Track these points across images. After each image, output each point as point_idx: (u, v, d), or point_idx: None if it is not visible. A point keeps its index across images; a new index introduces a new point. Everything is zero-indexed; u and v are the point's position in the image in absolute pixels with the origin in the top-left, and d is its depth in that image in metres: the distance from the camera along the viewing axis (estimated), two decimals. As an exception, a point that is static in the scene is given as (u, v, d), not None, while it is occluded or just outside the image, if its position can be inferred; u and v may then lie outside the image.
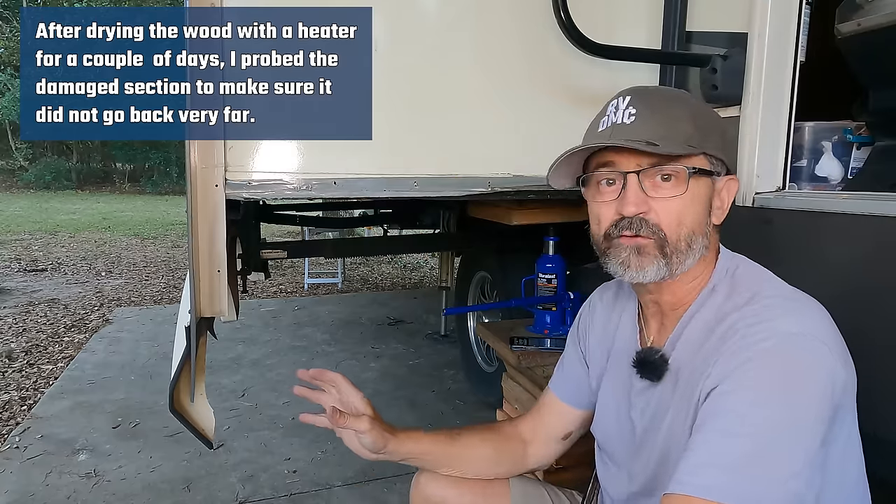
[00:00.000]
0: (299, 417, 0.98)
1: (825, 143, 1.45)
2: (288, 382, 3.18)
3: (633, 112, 0.75)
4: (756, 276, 0.77)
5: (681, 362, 0.76)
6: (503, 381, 1.90)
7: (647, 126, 0.74)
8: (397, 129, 1.15)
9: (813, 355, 0.65)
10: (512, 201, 1.32)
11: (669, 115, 0.76)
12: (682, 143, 0.74)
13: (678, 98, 0.81)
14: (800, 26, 1.22)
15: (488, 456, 1.01)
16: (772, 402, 0.63)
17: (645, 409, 0.81)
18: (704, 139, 0.75)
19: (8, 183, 16.72)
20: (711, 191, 0.77)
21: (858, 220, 1.01)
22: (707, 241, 0.77)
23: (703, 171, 0.75)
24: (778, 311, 0.69)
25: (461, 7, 1.17)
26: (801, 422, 0.62)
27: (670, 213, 0.74)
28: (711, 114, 0.81)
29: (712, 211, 0.77)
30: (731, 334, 0.69)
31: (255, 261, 2.02)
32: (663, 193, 0.74)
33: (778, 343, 0.65)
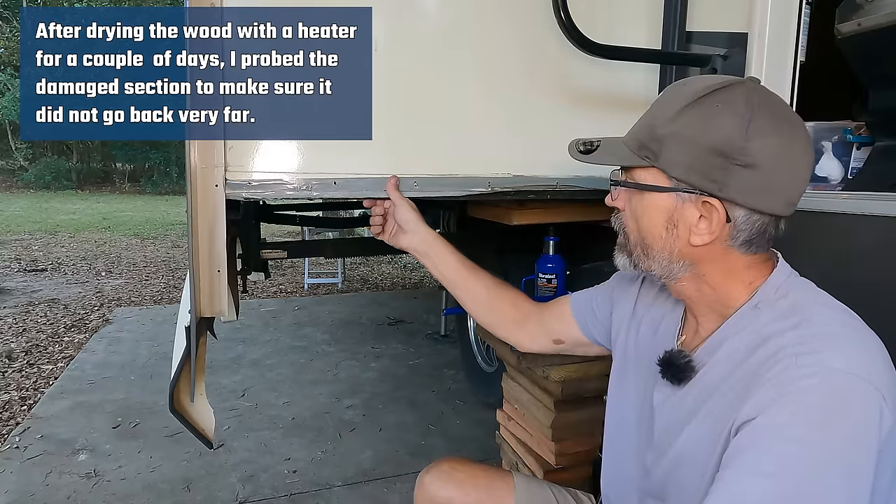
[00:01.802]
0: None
1: (825, 143, 1.45)
2: (288, 382, 3.19)
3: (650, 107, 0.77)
4: (810, 301, 0.71)
5: (714, 376, 0.72)
6: (503, 382, 1.90)
7: (633, 126, 0.77)
8: (397, 129, 1.15)
9: (859, 397, 0.60)
10: (512, 201, 1.32)
11: (645, 119, 0.75)
12: (628, 152, 0.74)
13: (680, 97, 0.72)
14: (800, 26, 1.22)
15: (487, 300, 1.11)
16: (808, 441, 0.58)
17: (666, 408, 0.79)
18: (662, 150, 0.71)
19: (8, 183, 16.72)
20: (672, 206, 0.72)
21: (858, 220, 1.01)
22: (680, 256, 0.73)
23: (645, 185, 0.73)
24: (827, 342, 0.64)
25: (461, 7, 1.17)
26: (839, 466, 0.58)
27: (627, 218, 0.78)
28: (697, 125, 0.69)
29: (680, 229, 0.72)
30: (773, 362, 0.64)
31: (255, 261, 2.02)
32: (614, 196, 0.80)
33: (822, 380, 0.60)
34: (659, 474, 0.79)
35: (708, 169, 0.68)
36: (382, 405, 2.91)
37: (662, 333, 0.86)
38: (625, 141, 0.77)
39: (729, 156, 0.67)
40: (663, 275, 0.76)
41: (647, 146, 0.72)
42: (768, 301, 0.71)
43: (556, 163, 1.25)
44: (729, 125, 0.67)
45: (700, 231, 0.71)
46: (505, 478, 1.07)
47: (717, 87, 0.69)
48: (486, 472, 1.08)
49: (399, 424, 2.71)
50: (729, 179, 0.68)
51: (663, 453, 0.78)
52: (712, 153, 0.68)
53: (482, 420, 2.72)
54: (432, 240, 1.12)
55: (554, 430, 1.62)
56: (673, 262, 0.74)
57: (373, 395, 3.03)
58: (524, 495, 1.04)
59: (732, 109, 0.68)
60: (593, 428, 1.70)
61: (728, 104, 0.68)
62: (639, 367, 0.88)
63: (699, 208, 0.70)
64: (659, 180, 0.72)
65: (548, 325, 1.07)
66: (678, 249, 0.73)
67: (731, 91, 0.69)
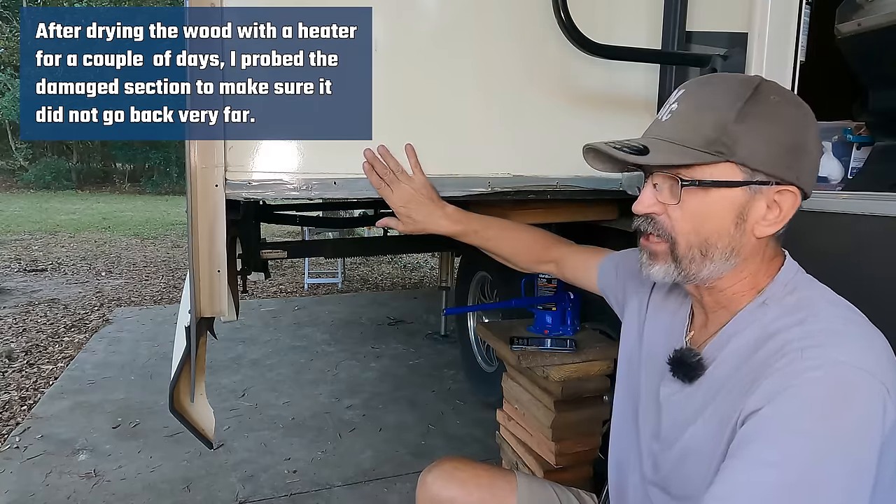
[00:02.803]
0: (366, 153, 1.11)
1: (825, 143, 1.45)
2: (288, 382, 3.19)
3: (674, 108, 0.75)
4: (816, 297, 0.72)
5: (721, 372, 0.73)
6: (503, 381, 1.90)
7: (676, 126, 0.73)
8: (397, 129, 1.15)
9: (864, 390, 0.61)
10: (512, 201, 1.32)
11: (702, 116, 0.72)
12: (693, 150, 0.71)
13: (731, 94, 0.72)
14: (800, 26, 1.22)
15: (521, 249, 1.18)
16: (813, 433, 0.59)
17: (673, 402, 0.79)
18: (736, 145, 0.70)
19: (8, 183, 16.72)
20: (744, 200, 0.71)
21: (858, 220, 1.01)
22: (737, 252, 0.73)
23: (720, 182, 0.71)
24: (833, 337, 0.65)
25: (461, 7, 1.17)
26: (843, 457, 0.59)
27: (679, 220, 0.74)
28: (768, 117, 0.70)
29: (748, 222, 0.72)
30: (779, 356, 0.65)
31: (255, 261, 2.02)
32: (665, 199, 0.74)
33: (828, 372, 0.61)
34: (665, 467, 0.80)
35: (787, 159, 0.70)
36: (382, 405, 2.91)
37: (672, 328, 0.86)
38: (674, 140, 0.73)
39: (799, 146, 0.71)
40: (710, 276, 0.74)
41: (719, 141, 0.70)
42: (776, 297, 0.73)
43: (556, 163, 1.26)
44: (796, 117, 0.71)
45: (770, 221, 0.72)
46: (507, 477, 1.07)
47: (758, 83, 0.72)
48: (488, 471, 1.08)
49: (399, 424, 2.71)
50: (802, 168, 0.71)
51: (670, 447, 0.79)
52: (788, 144, 0.70)
53: (482, 420, 2.72)
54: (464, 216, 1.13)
55: (554, 430, 1.62)
56: (729, 259, 0.73)
57: (373, 395, 3.03)
58: (526, 494, 1.04)
59: (787, 101, 0.72)
60: (593, 428, 1.70)
61: (781, 96, 0.72)
62: (648, 360, 0.89)
63: (768, 199, 0.71)
64: (731, 174, 0.71)
65: (575, 271, 1.14)
66: (742, 245, 0.73)
67: (769, 85, 0.72)
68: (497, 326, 1.99)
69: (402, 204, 1.10)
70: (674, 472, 0.78)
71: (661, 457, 0.81)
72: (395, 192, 1.09)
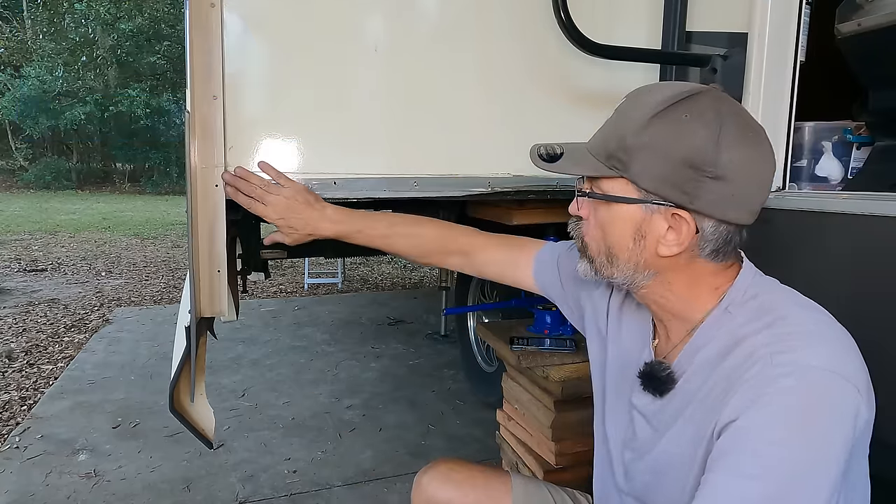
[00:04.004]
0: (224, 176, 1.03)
1: (825, 143, 1.45)
2: (288, 382, 3.19)
3: (612, 114, 0.76)
4: (781, 300, 0.71)
5: (692, 385, 0.72)
6: (503, 381, 1.90)
7: (599, 133, 0.76)
8: (397, 129, 1.15)
9: (836, 394, 0.61)
10: (512, 201, 1.32)
11: (615, 127, 0.73)
12: (595, 162, 0.73)
13: (647, 106, 0.69)
14: (800, 26, 1.22)
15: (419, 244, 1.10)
16: (790, 442, 0.59)
17: (646, 414, 0.79)
18: (631, 161, 0.69)
19: (8, 183, 16.72)
20: (640, 218, 0.71)
21: (858, 220, 1.01)
22: (645, 266, 0.73)
23: (613, 197, 0.72)
24: (802, 341, 0.64)
25: (461, 6, 1.17)
26: (820, 464, 0.59)
27: (591, 226, 0.77)
28: (669, 134, 0.67)
29: (648, 240, 0.71)
30: (750, 363, 0.64)
31: (255, 261, 2.01)
32: (579, 206, 0.78)
33: (800, 379, 0.61)
34: (639, 477, 0.80)
35: (679, 181, 0.67)
36: (382, 405, 2.91)
37: (635, 339, 0.86)
38: (590, 149, 0.75)
39: (700, 168, 0.66)
40: (625, 283, 0.76)
41: (615, 156, 0.70)
42: (737, 303, 0.72)
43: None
44: (699, 137, 0.66)
45: (668, 242, 0.70)
46: (503, 478, 1.07)
47: (684, 96, 0.68)
48: (483, 472, 1.08)
49: (399, 424, 2.71)
50: (699, 191, 0.67)
51: (643, 457, 0.79)
52: (684, 165, 0.67)
53: (482, 420, 2.72)
54: (346, 216, 1.06)
55: (554, 430, 1.62)
56: (637, 272, 0.74)
57: (373, 395, 3.03)
58: (521, 495, 1.04)
59: (701, 120, 0.67)
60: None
61: (696, 114, 0.67)
62: (615, 369, 0.88)
63: (668, 220, 0.70)
64: (628, 191, 0.71)
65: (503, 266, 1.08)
66: (644, 260, 0.73)
67: (697, 100, 0.68)
68: (497, 326, 1.99)
69: (279, 216, 1.03)
70: (648, 482, 0.78)
71: (632, 467, 0.81)
72: (268, 207, 1.02)
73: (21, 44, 17.89)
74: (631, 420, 0.82)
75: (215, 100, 1.03)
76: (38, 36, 17.99)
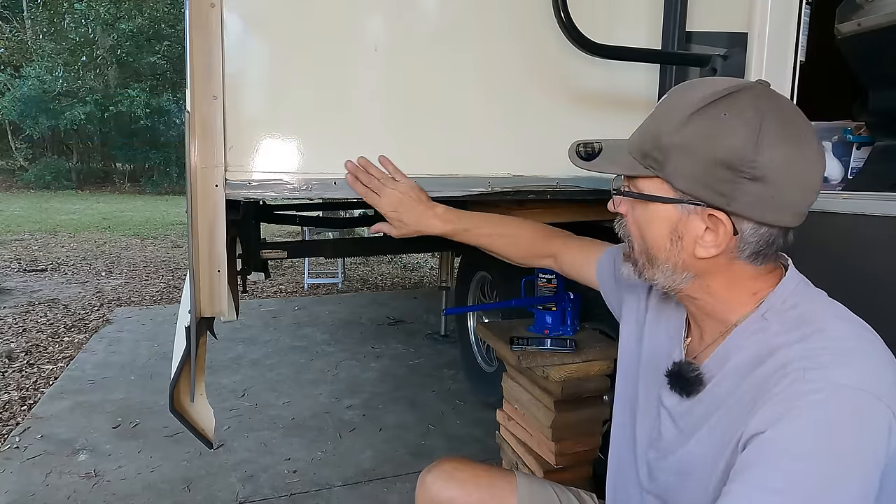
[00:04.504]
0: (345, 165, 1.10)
1: (825, 143, 1.46)
2: (288, 382, 3.19)
3: (653, 111, 0.75)
4: (821, 312, 0.68)
5: (721, 390, 0.71)
6: (503, 381, 1.90)
7: (638, 131, 0.75)
8: (397, 129, 1.15)
9: (866, 413, 0.59)
10: (512, 201, 1.32)
11: (653, 125, 0.72)
12: (631, 161, 0.72)
13: (687, 104, 0.68)
14: (800, 26, 1.22)
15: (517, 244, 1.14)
16: (816, 458, 0.58)
17: (673, 414, 0.79)
18: (667, 160, 0.68)
19: (8, 183, 16.72)
20: (676, 218, 0.70)
21: (858, 219, 1.01)
22: (683, 268, 0.72)
23: (649, 196, 0.71)
24: (836, 357, 0.62)
25: (461, 6, 1.17)
26: (846, 482, 0.57)
27: (632, 225, 0.77)
28: (707, 134, 0.66)
29: (685, 241, 0.70)
30: (780, 376, 0.63)
31: (255, 261, 2.01)
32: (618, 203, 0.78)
33: (829, 396, 0.59)
34: (662, 477, 0.79)
35: (715, 182, 0.65)
36: (382, 405, 2.91)
37: (668, 335, 0.85)
38: (628, 148, 0.74)
39: (737, 169, 0.64)
40: (666, 285, 0.75)
41: (651, 155, 0.70)
42: (775, 310, 0.70)
43: (556, 163, 1.25)
44: (738, 136, 0.64)
45: (706, 243, 0.69)
46: (507, 477, 1.07)
47: (724, 94, 0.66)
48: (487, 471, 1.08)
49: (399, 424, 2.71)
50: (737, 193, 0.65)
51: (665, 457, 0.78)
52: (720, 166, 0.65)
53: (482, 420, 2.72)
54: (455, 215, 1.11)
55: (554, 430, 1.62)
56: (676, 273, 0.72)
57: (373, 395, 3.03)
58: (526, 495, 1.04)
59: (741, 119, 0.64)
60: (593, 428, 1.70)
61: (736, 113, 0.65)
62: (647, 367, 0.88)
63: (705, 220, 0.68)
64: (664, 191, 0.70)
65: (574, 265, 1.11)
66: (682, 261, 0.71)
67: (738, 98, 0.66)
68: (497, 326, 1.99)
69: (392, 209, 1.09)
70: (671, 484, 0.78)
71: (656, 466, 0.81)
72: (382, 198, 1.08)
73: (21, 44, 17.90)
74: (658, 418, 0.81)
75: (215, 100, 1.03)
76: (38, 36, 18.00)
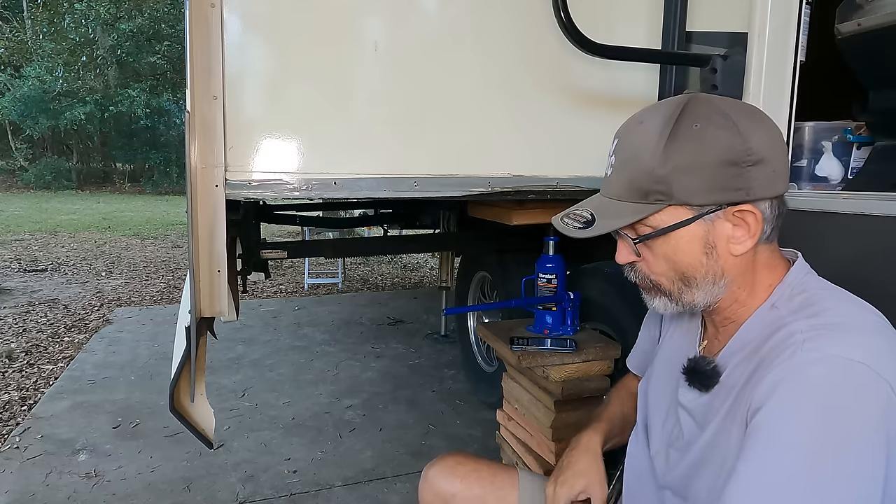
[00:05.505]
0: None
1: (825, 143, 1.45)
2: (288, 382, 3.19)
3: (613, 162, 0.76)
4: (830, 295, 0.72)
5: (736, 378, 0.73)
6: (503, 381, 1.90)
7: (616, 182, 0.75)
8: (397, 129, 1.15)
9: (864, 385, 0.60)
10: (512, 201, 1.32)
11: (634, 168, 0.72)
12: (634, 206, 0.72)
13: (654, 136, 0.71)
14: (800, 26, 1.22)
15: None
16: (814, 431, 0.60)
17: (691, 409, 0.80)
18: (671, 189, 0.70)
19: (8, 183, 16.73)
20: (704, 231, 0.72)
21: (858, 219, 1.01)
22: (722, 275, 0.73)
23: (670, 227, 0.71)
24: (839, 331, 0.65)
25: (461, 7, 1.17)
26: (845, 452, 0.59)
27: (653, 264, 0.76)
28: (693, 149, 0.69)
29: (719, 247, 0.72)
30: (783, 347, 0.66)
31: (255, 261, 2.02)
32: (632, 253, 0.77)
33: (828, 368, 0.62)
34: (681, 471, 0.81)
35: (727, 182, 0.69)
36: (382, 405, 2.91)
37: (685, 336, 0.88)
38: (617, 197, 0.75)
39: (739, 162, 0.69)
40: (706, 301, 0.76)
41: (654, 190, 0.71)
42: (784, 299, 0.73)
43: (556, 163, 1.26)
44: (723, 136, 0.69)
45: (739, 239, 0.72)
46: (509, 473, 1.08)
47: (679, 112, 0.70)
48: (490, 467, 1.09)
49: (399, 424, 2.71)
50: (749, 182, 0.69)
51: (687, 451, 0.80)
52: (725, 166, 0.69)
53: (482, 420, 2.72)
54: (601, 438, 1.01)
55: (554, 430, 1.62)
56: (717, 284, 0.74)
57: (373, 395, 3.03)
58: (528, 491, 1.04)
59: (712, 123, 0.69)
60: (593, 428, 1.69)
61: (703, 120, 0.69)
62: (663, 368, 0.90)
63: (730, 219, 0.71)
64: (679, 215, 0.71)
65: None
66: (721, 267, 0.73)
67: (692, 109, 0.70)
68: (497, 326, 1.99)
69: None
70: (690, 476, 0.79)
71: (677, 462, 0.82)
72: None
73: (21, 44, 17.89)
74: (677, 420, 0.83)
75: (215, 100, 1.03)
76: (38, 36, 17.98)
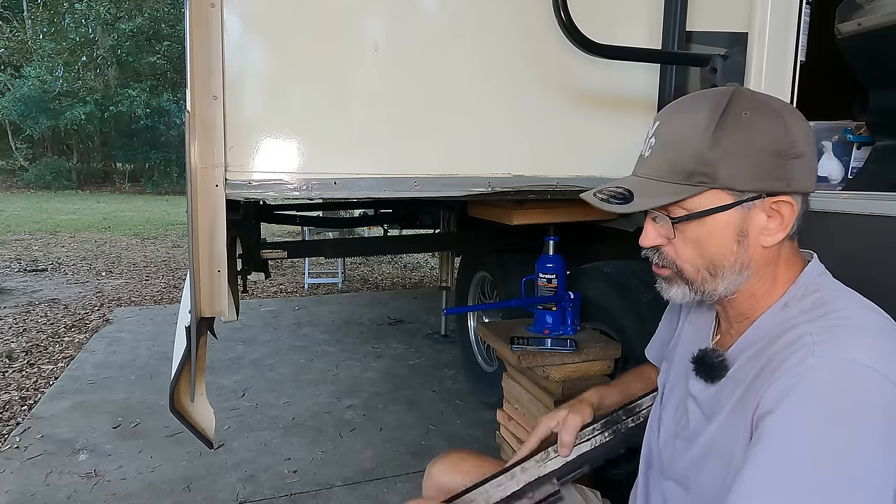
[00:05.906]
0: None
1: (825, 143, 1.45)
2: (288, 382, 3.19)
3: (653, 143, 0.76)
4: (841, 297, 0.72)
5: (745, 373, 0.73)
6: (503, 381, 1.90)
7: (657, 162, 0.75)
8: (397, 128, 1.15)
9: (874, 390, 0.60)
10: (512, 201, 1.32)
11: (678, 149, 0.72)
12: (676, 186, 0.72)
13: (703, 120, 0.71)
14: (800, 26, 1.22)
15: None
16: (822, 437, 0.60)
17: (699, 400, 0.81)
18: (717, 172, 0.70)
19: (8, 183, 16.72)
20: (740, 219, 0.72)
21: (858, 219, 1.01)
22: (748, 265, 0.74)
23: (710, 210, 0.71)
24: (848, 334, 0.65)
25: (461, 6, 1.17)
26: (853, 460, 0.59)
27: (682, 249, 0.76)
28: (743, 136, 0.70)
29: (751, 237, 0.72)
30: (793, 349, 0.66)
31: (255, 261, 2.02)
32: (664, 234, 0.76)
33: (836, 374, 0.61)
34: (685, 462, 0.81)
35: (772, 171, 0.70)
36: (382, 405, 2.91)
37: (700, 328, 0.89)
38: (657, 178, 0.75)
39: (784, 154, 0.70)
40: (728, 291, 0.76)
41: (698, 172, 0.71)
42: (796, 299, 0.74)
43: (556, 163, 1.26)
44: (771, 127, 0.70)
45: (772, 230, 0.72)
46: None
47: (727, 100, 0.71)
48: (492, 463, 1.09)
49: (399, 424, 2.71)
50: (791, 174, 0.70)
51: (692, 442, 0.80)
52: (771, 156, 0.70)
53: (482, 420, 2.72)
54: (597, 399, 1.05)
55: (554, 430, 1.62)
56: (741, 273, 0.74)
57: (373, 395, 3.03)
58: None
59: (761, 113, 0.70)
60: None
61: (752, 110, 0.70)
62: (676, 360, 0.92)
63: (766, 210, 0.72)
64: (719, 199, 0.71)
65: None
66: (749, 257, 0.74)
67: (739, 99, 0.71)
68: (497, 326, 1.99)
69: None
70: (693, 467, 0.79)
71: (683, 454, 0.83)
72: None
73: (21, 44, 17.88)
74: (686, 410, 0.84)
75: (215, 100, 1.03)
76: (38, 36, 17.97)
